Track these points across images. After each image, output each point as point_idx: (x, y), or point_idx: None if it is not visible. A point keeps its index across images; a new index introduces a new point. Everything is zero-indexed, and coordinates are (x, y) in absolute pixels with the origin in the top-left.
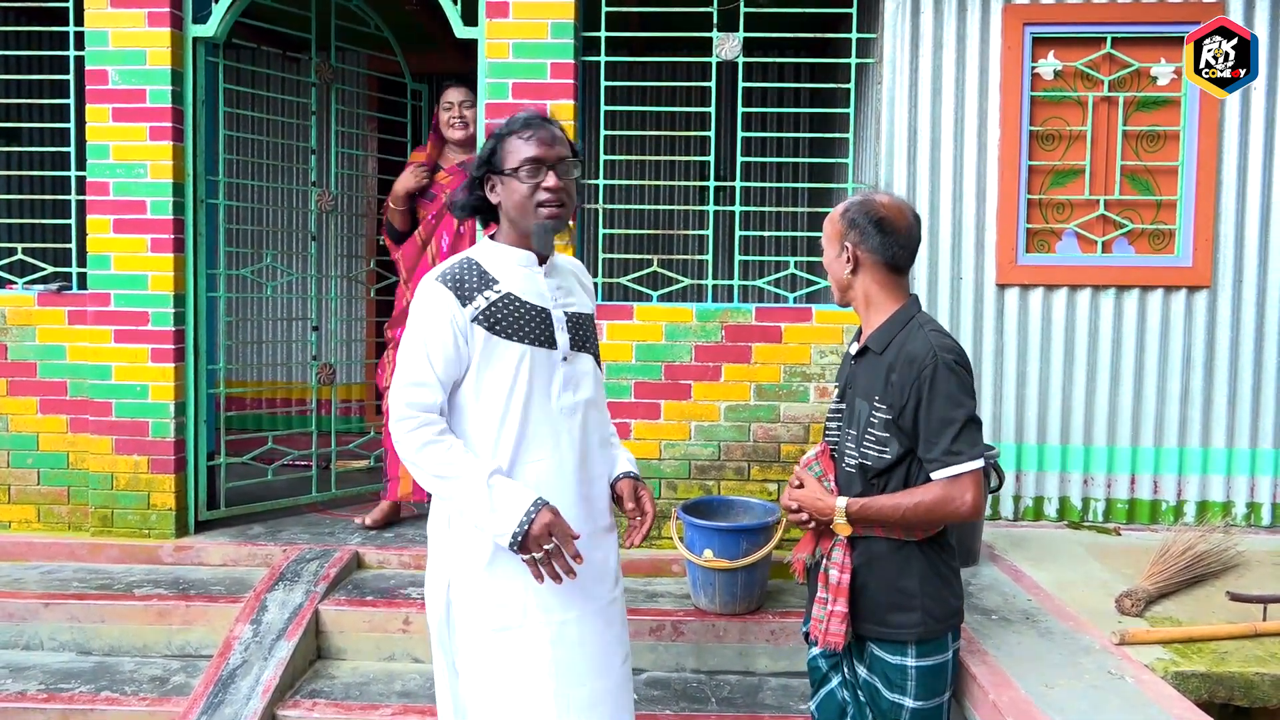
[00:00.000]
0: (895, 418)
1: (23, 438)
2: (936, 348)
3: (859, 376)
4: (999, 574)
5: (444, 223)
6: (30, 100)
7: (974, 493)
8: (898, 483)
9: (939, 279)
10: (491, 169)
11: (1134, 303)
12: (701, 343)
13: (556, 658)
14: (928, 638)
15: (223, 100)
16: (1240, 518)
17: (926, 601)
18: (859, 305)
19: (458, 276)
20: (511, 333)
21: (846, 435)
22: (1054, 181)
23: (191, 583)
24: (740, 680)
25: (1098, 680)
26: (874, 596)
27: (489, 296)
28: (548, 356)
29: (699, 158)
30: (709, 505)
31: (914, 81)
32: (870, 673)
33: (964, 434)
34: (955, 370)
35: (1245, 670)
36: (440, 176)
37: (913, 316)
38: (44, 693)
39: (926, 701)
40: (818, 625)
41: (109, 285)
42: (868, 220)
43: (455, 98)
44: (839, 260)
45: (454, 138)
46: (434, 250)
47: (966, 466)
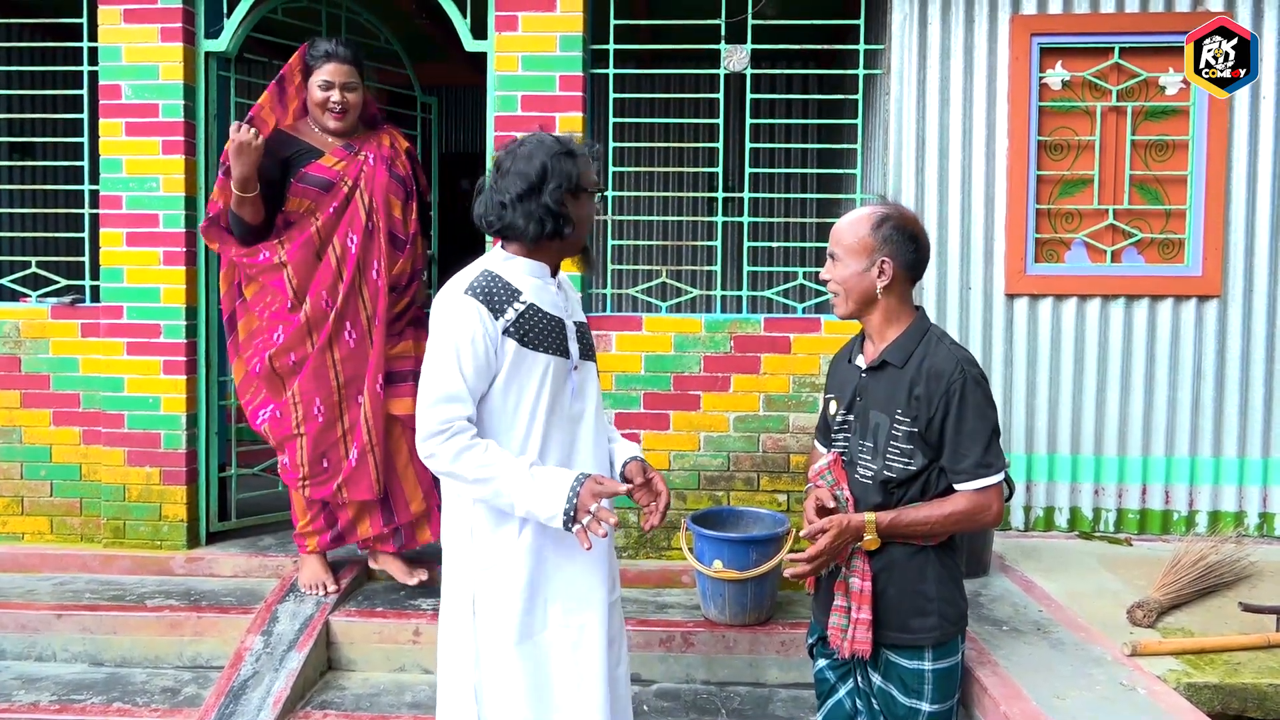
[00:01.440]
0: (921, 430)
1: (36, 449)
2: (962, 362)
3: (873, 389)
4: (1010, 585)
5: (350, 219)
6: (44, 115)
7: (999, 503)
8: (917, 491)
9: (948, 289)
10: (570, 186)
11: (1144, 312)
12: (710, 353)
13: (578, 660)
14: (944, 640)
15: (234, 114)
16: (1253, 528)
17: (942, 605)
18: (877, 319)
19: (486, 289)
20: (539, 344)
21: (860, 446)
22: (1063, 191)
23: (203, 594)
24: (750, 691)
25: (1109, 691)
26: (893, 603)
27: (517, 309)
28: (564, 365)
29: (707, 169)
30: (718, 516)
31: (922, 92)
32: (885, 680)
33: (992, 446)
34: (981, 383)
35: (1259, 681)
36: (331, 162)
37: (928, 329)
38: (56, 704)
39: (942, 705)
40: (839, 634)
41: (122, 298)
42: (903, 234)
43: (336, 77)
44: (867, 275)
45: (328, 125)
46: (337, 252)
47: (996, 479)
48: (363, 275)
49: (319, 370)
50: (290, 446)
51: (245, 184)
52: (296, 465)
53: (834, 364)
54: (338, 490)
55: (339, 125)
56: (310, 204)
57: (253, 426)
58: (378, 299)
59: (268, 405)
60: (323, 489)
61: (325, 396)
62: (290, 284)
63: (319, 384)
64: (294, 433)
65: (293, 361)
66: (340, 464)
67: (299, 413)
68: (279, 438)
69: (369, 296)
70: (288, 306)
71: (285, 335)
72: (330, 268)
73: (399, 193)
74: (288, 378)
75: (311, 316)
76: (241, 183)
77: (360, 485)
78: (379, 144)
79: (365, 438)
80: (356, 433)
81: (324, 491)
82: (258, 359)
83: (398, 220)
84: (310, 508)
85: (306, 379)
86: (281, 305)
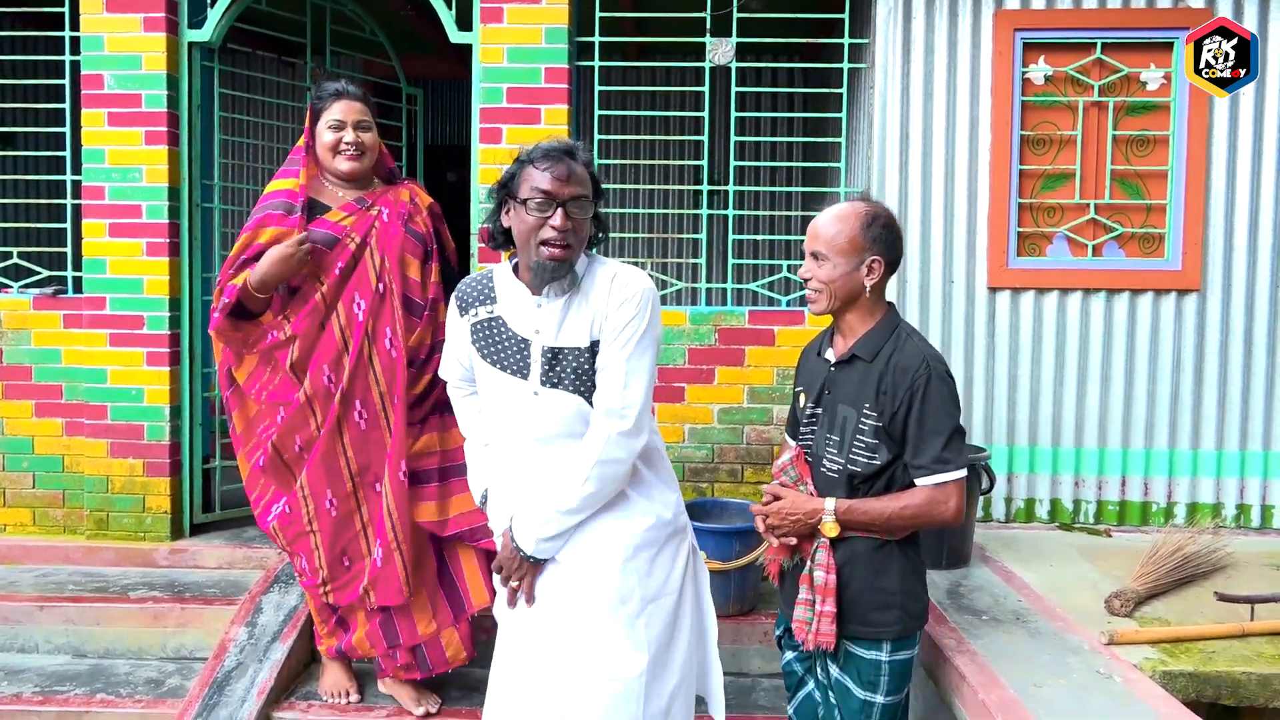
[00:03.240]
0: (886, 425)
1: (18, 441)
2: (929, 358)
3: (841, 383)
4: (990, 575)
5: (357, 281)
6: (26, 105)
7: (957, 499)
8: (882, 487)
9: (930, 282)
10: (509, 193)
11: (1124, 306)
12: (695, 345)
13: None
14: (904, 634)
15: (218, 105)
16: (1230, 519)
17: (905, 599)
18: (852, 315)
19: (468, 286)
20: (494, 358)
21: (827, 440)
22: (1045, 185)
23: (186, 585)
24: (733, 681)
25: (1086, 679)
26: (856, 596)
27: (479, 313)
28: (519, 386)
29: (693, 162)
30: (702, 507)
31: (906, 86)
32: (843, 672)
33: (952, 443)
34: (946, 381)
35: (1232, 669)
36: (338, 217)
37: (898, 325)
38: (39, 695)
39: (895, 696)
40: (803, 627)
41: (105, 289)
42: (891, 233)
43: (347, 115)
44: (855, 275)
45: (340, 169)
46: (342, 320)
47: (953, 475)
48: (373, 346)
49: (328, 457)
50: (304, 546)
51: (267, 288)
52: (315, 569)
53: (803, 356)
54: (364, 594)
55: (354, 167)
56: (314, 266)
57: (261, 527)
58: (395, 375)
59: (279, 499)
60: (347, 593)
61: (337, 488)
62: (291, 356)
63: (329, 474)
64: (305, 529)
65: (299, 447)
66: (363, 562)
67: (310, 507)
68: (290, 537)
69: (382, 371)
70: (288, 383)
71: (287, 415)
72: (334, 338)
73: (416, 251)
74: (295, 466)
75: (312, 394)
76: (263, 286)
77: (389, 588)
78: (396, 198)
79: (390, 535)
80: (379, 528)
81: (349, 596)
82: (261, 451)
83: (414, 282)
84: (322, 610)
85: (315, 467)
86: (281, 383)
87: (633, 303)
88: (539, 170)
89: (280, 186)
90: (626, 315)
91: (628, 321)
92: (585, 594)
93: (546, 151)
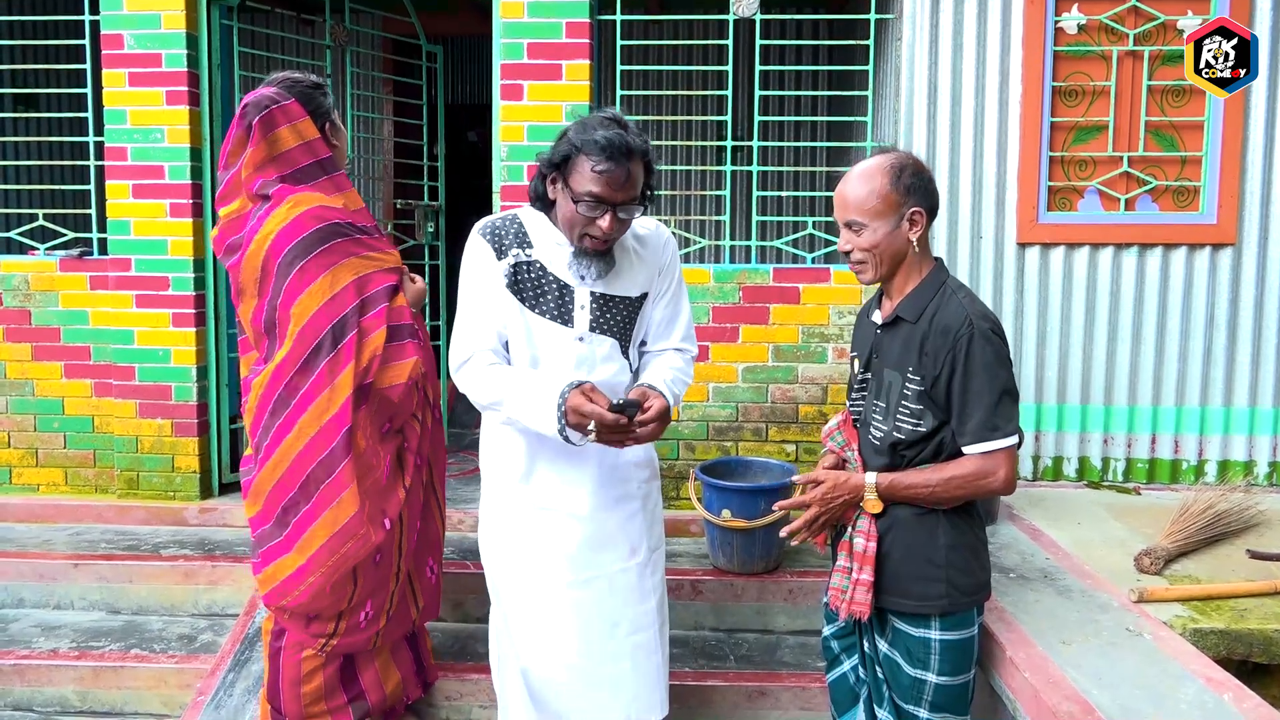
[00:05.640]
0: (929, 389)
1: (48, 402)
2: (972, 315)
3: (888, 346)
4: (1017, 533)
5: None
6: (48, 65)
7: (1007, 469)
8: (929, 454)
9: (959, 238)
10: (560, 173)
11: (1157, 261)
12: (719, 304)
13: (552, 625)
14: (952, 610)
15: (238, 64)
16: (1262, 477)
17: (951, 573)
18: (900, 274)
19: (498, 230)
20: (535, 304)
21: (874, 406)
22: (1076, 138)
23: (216, 544)
24: (758, 639)
25: (1115, 637)
26: (897, 566)
27: (520, 255)
28: (562, 333)
29: (716, 117)
30: (727, 466)
31: (934, 37)
32: (892, 647)
33: (1000, 407)
34: (991, 339)
35: (1264, 627)
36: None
37: (944, 282)
38: (75, 650)
39: (952, 678)
40: (839, 595)
41: (129, 250)
42: (922, 179)
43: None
44: (898, 232)
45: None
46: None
47: (1002, 443)
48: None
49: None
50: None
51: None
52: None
53: (857, 320)
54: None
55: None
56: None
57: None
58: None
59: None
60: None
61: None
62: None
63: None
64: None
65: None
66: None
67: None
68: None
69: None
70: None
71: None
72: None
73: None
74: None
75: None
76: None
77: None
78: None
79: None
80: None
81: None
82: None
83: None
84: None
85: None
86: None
87: (674, 254)
88: (595, 169)
89: None
90: (676, 267)
91: (677, 273)
92: (603, 546)
93: (604, 147)
